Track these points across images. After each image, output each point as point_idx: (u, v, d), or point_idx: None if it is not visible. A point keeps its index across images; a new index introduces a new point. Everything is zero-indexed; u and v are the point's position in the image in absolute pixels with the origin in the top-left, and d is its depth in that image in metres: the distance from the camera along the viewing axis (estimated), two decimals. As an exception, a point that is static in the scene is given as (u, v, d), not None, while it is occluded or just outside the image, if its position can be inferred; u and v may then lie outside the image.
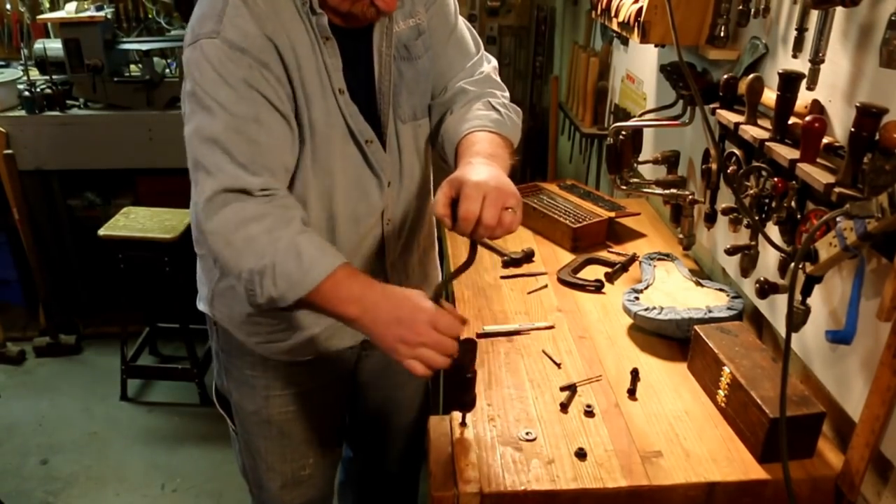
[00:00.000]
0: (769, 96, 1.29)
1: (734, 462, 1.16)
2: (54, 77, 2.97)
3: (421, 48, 1.30)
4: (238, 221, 1.07)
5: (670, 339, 1.47)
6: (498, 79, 1.39)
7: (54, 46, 2.95)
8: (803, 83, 1.18)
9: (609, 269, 1.69)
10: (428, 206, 1.46)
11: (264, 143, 1.10)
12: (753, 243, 1.39)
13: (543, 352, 1.44)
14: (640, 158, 1.86)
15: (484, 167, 1.09)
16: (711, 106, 1.46)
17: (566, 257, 1.83)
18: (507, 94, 1.37)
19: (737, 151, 1.39)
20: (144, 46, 2.99)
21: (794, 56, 1.23)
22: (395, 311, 1.05)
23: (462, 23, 1.39)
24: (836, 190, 1.06)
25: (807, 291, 1.12)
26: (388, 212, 1.35)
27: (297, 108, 1.17)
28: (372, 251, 1.36)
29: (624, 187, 1.78)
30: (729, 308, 1.46)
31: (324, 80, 1.18)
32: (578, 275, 1.74)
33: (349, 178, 1.26)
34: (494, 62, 1.42)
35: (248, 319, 1.36)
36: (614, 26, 1.86)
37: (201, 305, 1.46)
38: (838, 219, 1.00)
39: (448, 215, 1.04)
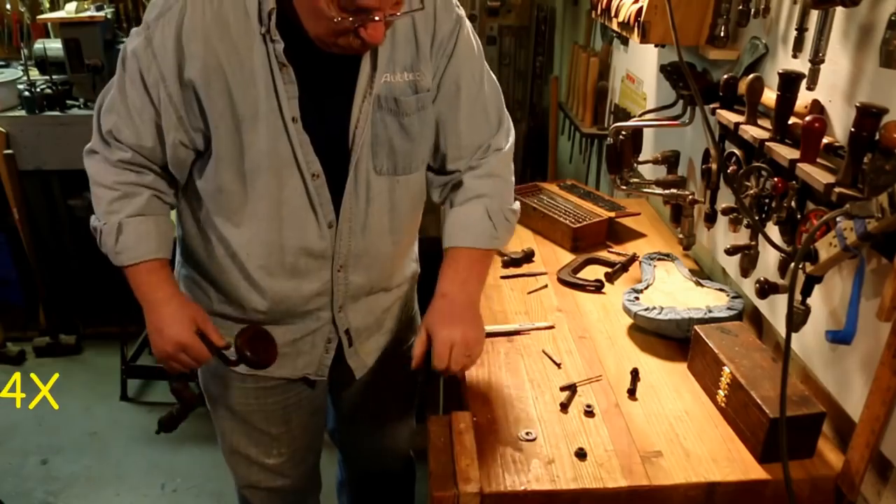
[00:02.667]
0: (769, 96, 1.29)
1: (734, 462, 1.16)
2: (54, 77, 2.96)
3: (413, 107, 1.22)
4: (97, 181, 1.24)
5: (670, 339, 1.47)
6: (511, 158, 1.37)
7: (54, 46, 2.95)
8: (803, 83, 1.18)
9: (609, 269, 1.69)
10: (396, 257, 1.37)
11: (135, 141, 1.20)
12: (753, 243, 1.39)
13: (543, 352, 1.44)
14: (640, 158, 1.86)
15: (455, 310, 1.27)
16: (711, 106, 1.47)
17: (566, 257, 1.83)
18: (512, 178, 1.38)
19: (737, 151, 1.39)
20: (144, 46, 2.99)
21: (794, 56, 1.23)
22: (157, 322, 1.23)
23: (488, 88, 1.31)
24: (836, 190, 1.06)
25: (807, 291, 1.12)
26: (341, 258, 1.28)
27: (221, 130, 1.14)
28: (315, 293, 1.30)
29: (624, 187, 1.78)
30: (729, 308, 1.46)
31: (271, 105, 1.13)
32: (578, 275, 1.74)
33: (287, 208, 1.21)
34: (513, 134, 1.38)
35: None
36: (614, 26, 1.86)
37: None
38: (838, 219, 1.00)
39: (421, 364, 1.27)
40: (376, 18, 1.03)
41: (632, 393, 1.31)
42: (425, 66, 1.22)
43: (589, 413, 1.26)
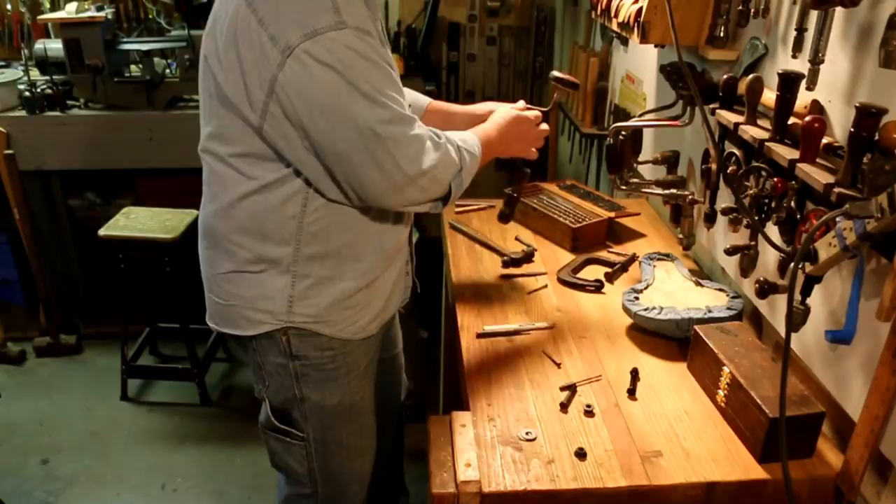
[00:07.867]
0: (769, 96, 1.29)
1: (734, 462, 1.16)
2: (55, 77, 2.96)
3: None
4: (436, 169, 1.29)
5: (670, 339, 1.47)
6: None
7: (55, 47, 2.95)
8: (803, 83, 1.18)
9: (609, 269, 1.69)
10: None
11: (406, 101, 1.28)
12: (753, 243, 1.39)
13: (543, 352, 1.45)
14: (640, 158, 1.86)
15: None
16: (711, 106, 1.47)
17: (566, 257, 1.84)
18: None
19: (736, 151, 1.39)
20: (145, 47, 2.99)
21: (794, 56, 1.24)
22: (515, 135, 1.54)
23: None
24: (836, 190, 1.06)
25: (806, 291, 1.12)
26: None
27: None
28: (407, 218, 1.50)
29: (624, 187, 1.78)
30: (728, 308, 1.46)
31: (387, 51, 1.32)
32: (578, 275, 1.74)
33: None
34: None
35: (330, 308, 1.37)
36: (614, 26, 1.86)
37: (266, 325, 1.37)
38: (838, 219, 1.01)
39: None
40: None
41: (631, 393, 1.31)
42: None
43: (589, 413, 1.26)
